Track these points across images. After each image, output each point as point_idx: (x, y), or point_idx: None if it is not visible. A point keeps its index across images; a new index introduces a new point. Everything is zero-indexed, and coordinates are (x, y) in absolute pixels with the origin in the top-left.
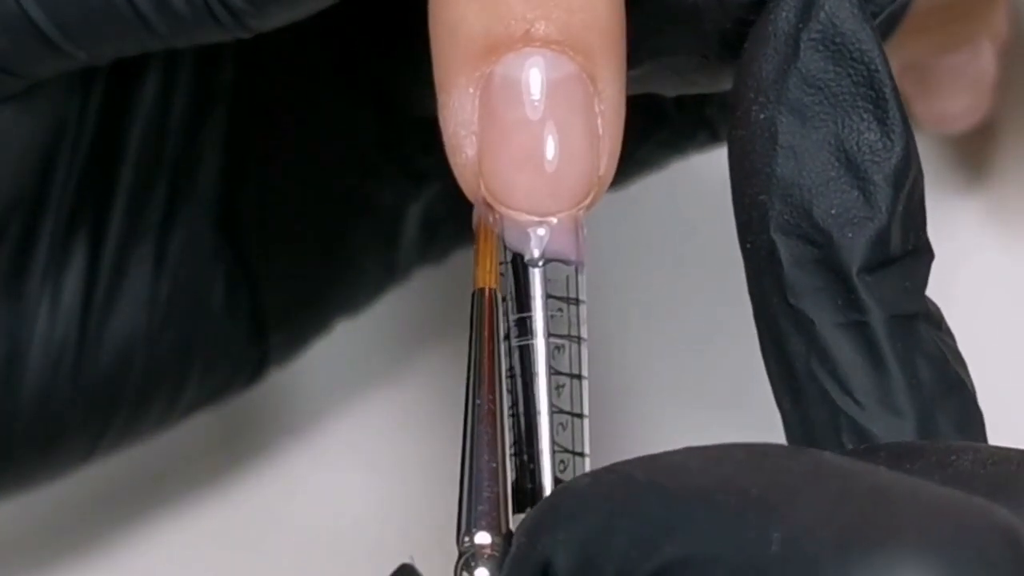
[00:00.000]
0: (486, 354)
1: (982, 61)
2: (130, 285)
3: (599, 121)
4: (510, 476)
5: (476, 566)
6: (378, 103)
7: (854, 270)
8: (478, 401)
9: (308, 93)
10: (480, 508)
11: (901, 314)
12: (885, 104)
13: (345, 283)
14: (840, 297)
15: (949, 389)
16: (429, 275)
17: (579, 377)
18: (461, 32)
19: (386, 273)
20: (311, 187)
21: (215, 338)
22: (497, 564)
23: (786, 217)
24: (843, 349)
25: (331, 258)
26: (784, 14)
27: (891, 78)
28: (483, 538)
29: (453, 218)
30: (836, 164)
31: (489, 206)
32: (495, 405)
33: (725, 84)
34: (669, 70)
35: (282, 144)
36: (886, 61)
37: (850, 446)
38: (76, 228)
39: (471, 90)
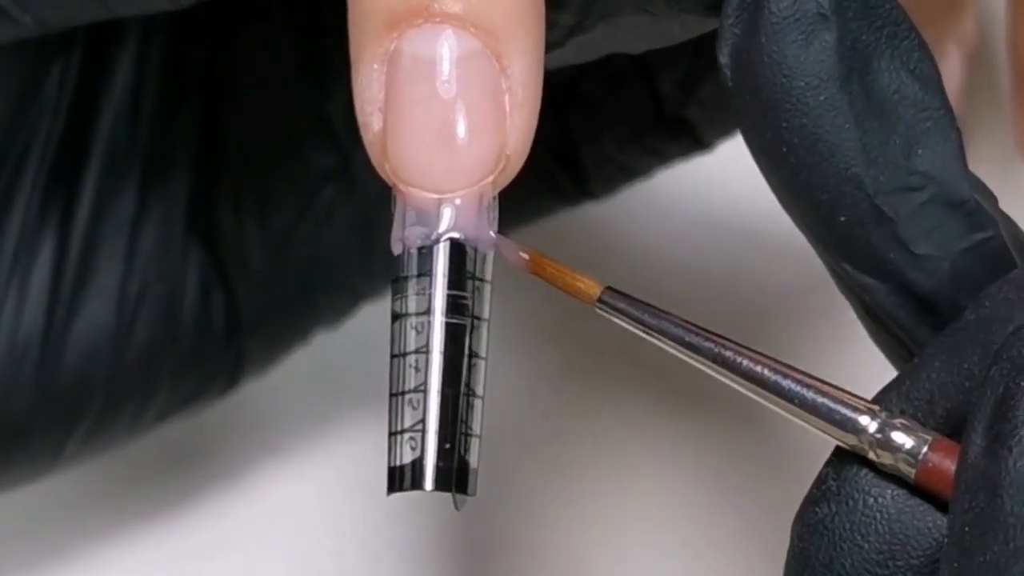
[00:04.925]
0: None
1: (949, 66)
2: (98, 281)
3: (506, 98)
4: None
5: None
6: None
7: (969, 194)
8: (733, 355)
9: (282, 88)
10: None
11: (1004, 218)
12: (915, 39)
13: (323, 291)
14: (961, 225)
15: None
16: None
17: (478, 356)
18: (366, 8)
19: (365, 281)
20: (287, 191)
21: (187, 341)
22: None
23: (883, 178)
24: (978, 269)
25: (308, 264)
26: None
27: (907, 15)
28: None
29: None
30: (903, 109)
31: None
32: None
33: (677, 37)
34: (622, 30)
35: (255, 144)
36: (899, 2)
37: None
38: (45, 220)
39: (375, 66)
